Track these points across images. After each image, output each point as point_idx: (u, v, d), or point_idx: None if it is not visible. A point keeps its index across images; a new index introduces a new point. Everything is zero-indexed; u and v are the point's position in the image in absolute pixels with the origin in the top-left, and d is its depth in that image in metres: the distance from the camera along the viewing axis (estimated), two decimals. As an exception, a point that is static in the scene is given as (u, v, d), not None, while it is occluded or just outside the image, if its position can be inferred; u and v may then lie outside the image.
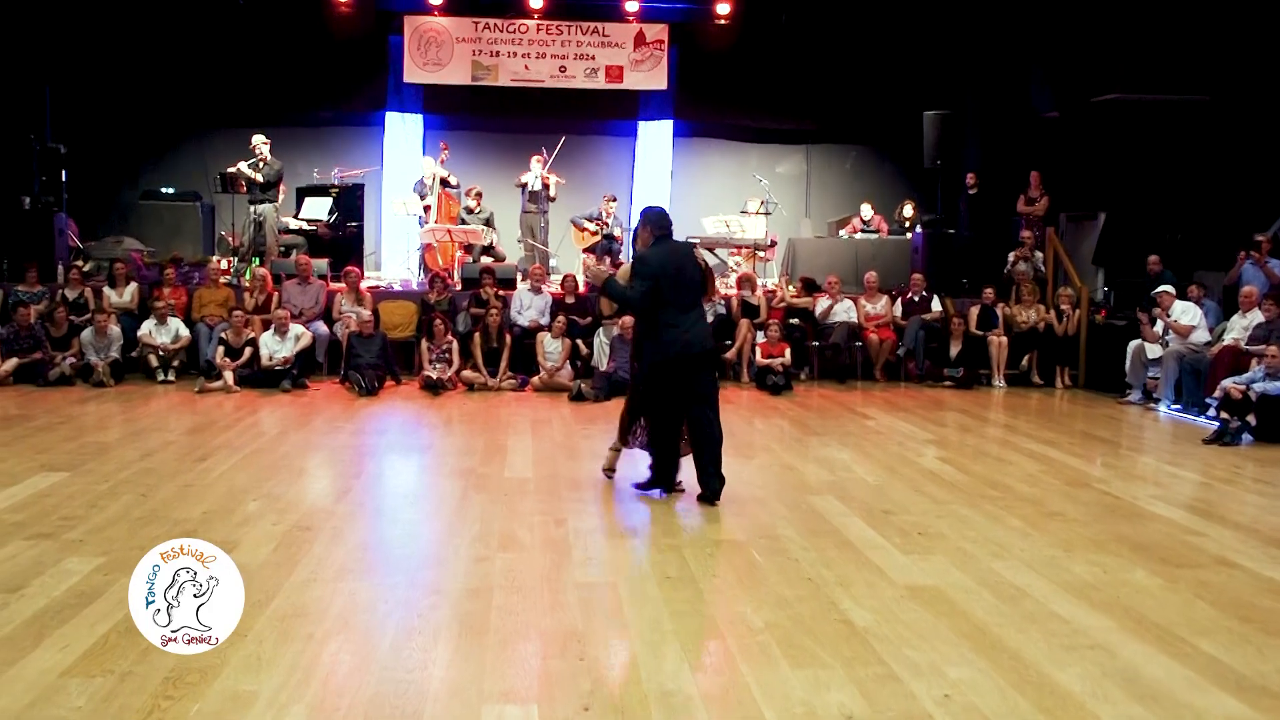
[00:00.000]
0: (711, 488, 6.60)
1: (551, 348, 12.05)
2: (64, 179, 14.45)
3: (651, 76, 17.05)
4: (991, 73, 16.34)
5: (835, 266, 14.78)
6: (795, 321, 13.25)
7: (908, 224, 16.30)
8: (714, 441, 6.64)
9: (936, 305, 13.51)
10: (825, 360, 13.18)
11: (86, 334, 11.90)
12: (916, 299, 13.56)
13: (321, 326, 12.52)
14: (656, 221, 6.73)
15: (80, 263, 13.62)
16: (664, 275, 6.51)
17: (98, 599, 4.60)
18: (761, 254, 15.22)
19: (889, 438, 9.20)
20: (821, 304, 13.47)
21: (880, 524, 6.18)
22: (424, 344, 12.06)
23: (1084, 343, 13.09)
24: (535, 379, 11.94)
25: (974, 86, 16.55)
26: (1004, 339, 12.98)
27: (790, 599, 4.81)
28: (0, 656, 4.00)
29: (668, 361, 6.55)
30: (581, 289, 13.56)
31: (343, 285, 13.06)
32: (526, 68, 16.87)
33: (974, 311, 13.28)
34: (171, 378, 11.89)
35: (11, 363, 11.48)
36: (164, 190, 15.86)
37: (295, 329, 11.94)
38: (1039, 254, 14.39)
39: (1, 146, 14.32)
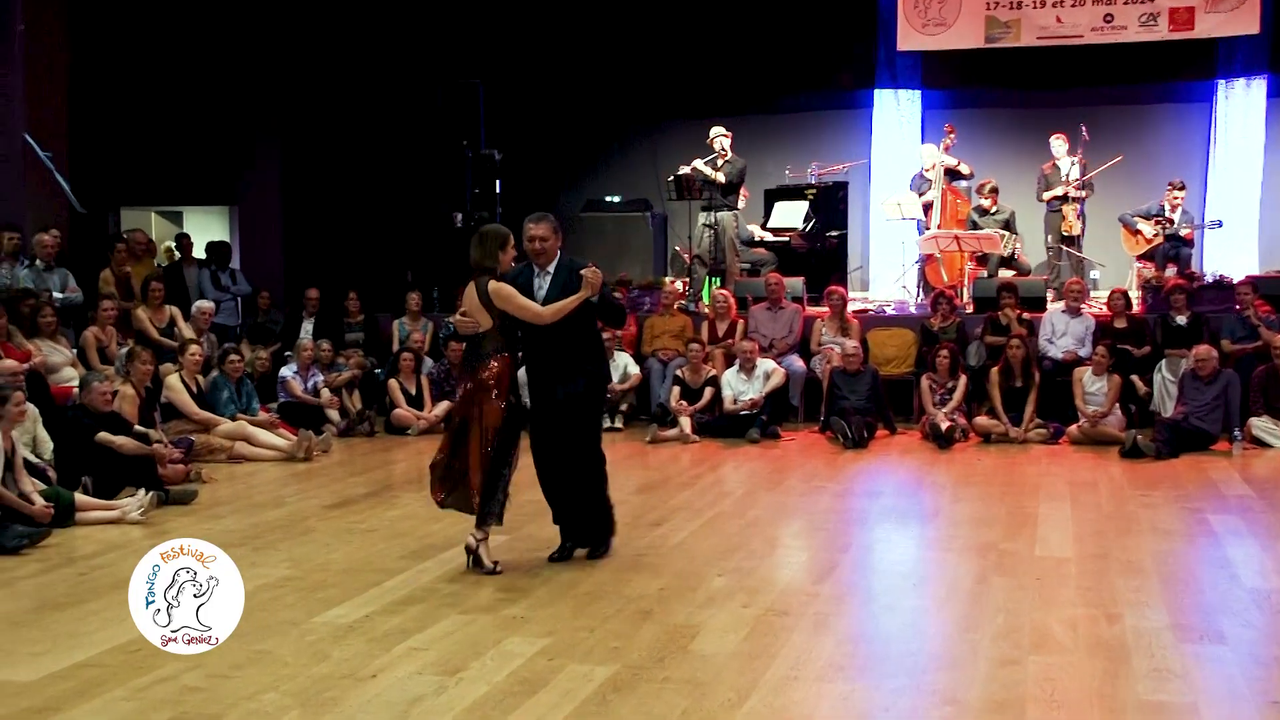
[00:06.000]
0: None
1: (1094, 387, 11.76)
2: (498, 191, 15.72)
3: (1235, 18, 16.15)
4: None
5: None
6: None
7: None
8: None
9: None
10: None
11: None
12: None
13: (797, 361, 12.87)
14: None
15: (514, 288, 14.78)
16: None
17: (543, 688, 4.97)
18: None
19: None
20: None
21: None
22: (925, 382, 12.12)
23: None
24: (1073, 428, 11.70)
25: None
26: None
27: None
28: (440, 747, 4.45)
29: None
30: (1136, 308, 13.11)
31: (823, 309, 13.40)
32: (1059, 19, 16.51)
33: None
34: (619, 424, 12.70)
35: (442, 406, 12.57)
36: (608, 199, 16.95)
37: (765, 365, 12.36)
38: None
39: (431, 155, 15.73)
